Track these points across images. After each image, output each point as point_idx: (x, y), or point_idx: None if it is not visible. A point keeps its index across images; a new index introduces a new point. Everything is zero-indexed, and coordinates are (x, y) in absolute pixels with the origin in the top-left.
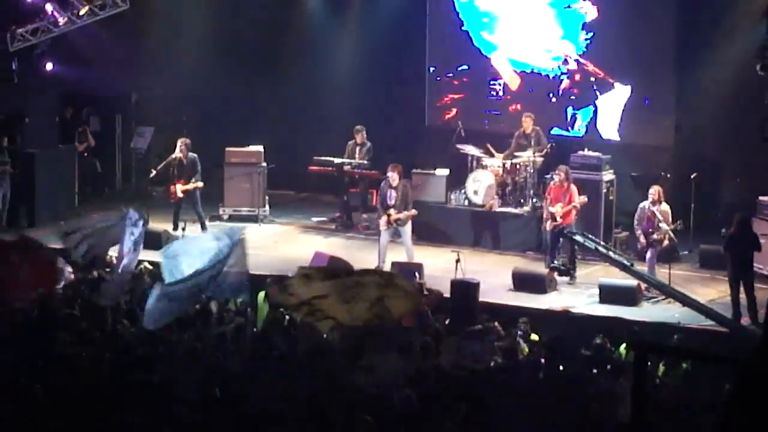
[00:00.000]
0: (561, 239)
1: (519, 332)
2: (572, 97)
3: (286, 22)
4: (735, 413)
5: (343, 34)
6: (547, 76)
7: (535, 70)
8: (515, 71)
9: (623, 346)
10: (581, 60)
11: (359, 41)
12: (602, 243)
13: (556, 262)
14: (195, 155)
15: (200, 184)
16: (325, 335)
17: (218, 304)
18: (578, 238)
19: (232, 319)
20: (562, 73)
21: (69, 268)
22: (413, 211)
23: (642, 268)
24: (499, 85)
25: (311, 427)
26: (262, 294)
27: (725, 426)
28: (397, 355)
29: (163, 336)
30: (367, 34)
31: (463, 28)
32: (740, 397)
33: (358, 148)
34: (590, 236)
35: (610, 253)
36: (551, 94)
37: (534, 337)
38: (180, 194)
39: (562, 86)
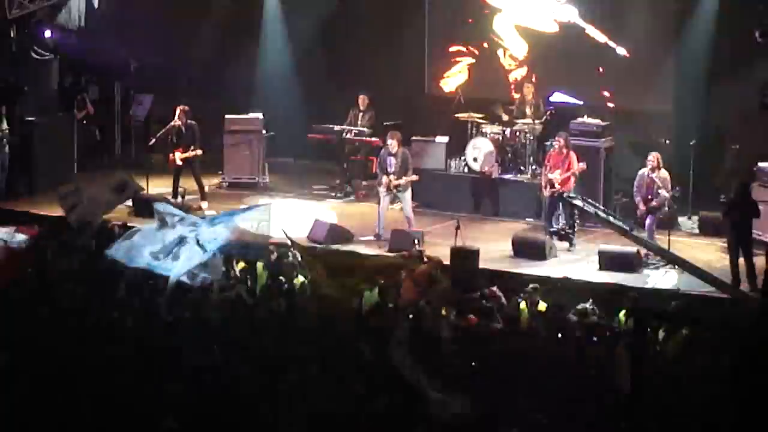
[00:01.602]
0: (560, 206)
1: (519, 299)
2: (575, 63)
3: None
4: (739, 379)
5: (344, 2)
6: (552, 40)
7: (540, 35)
8: (520, 37)
9: (622, 312)
10: (584, 24)
11: (359, 8)
12: (602, 208)
13: (555, 226)
14: (194, 123)
15: (199, 152)
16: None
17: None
18: (578, 202)
19: (234, 287)
20: (566, 38)
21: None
22: (414, 176)
23: (641, 234)
24: (501, 51)
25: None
26: (260, 262)
27: (731, 390)
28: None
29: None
30: (368, 1)
31: None
32: (744, 363)
33: (360, 114)
34: (590, 200)
35: (610, 218)
36: (554, 60)
37: (542, 305)
38: (179, 162)
39: (565, 51)
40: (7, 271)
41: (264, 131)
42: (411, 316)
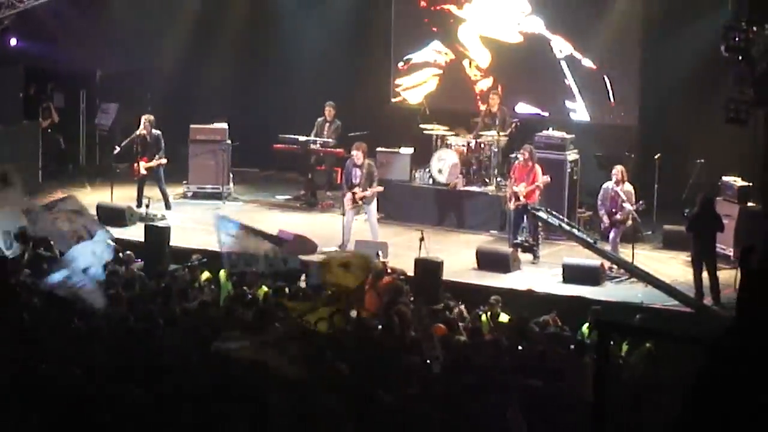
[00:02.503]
0: (525, 218)
1: (480, 311)
2: (540, 74)
3: None
4: (704, 392)
5: (310, 11)
6: (516, 51)
7: (505, 46)
8: (484, 47)
9: (586, 325)
10: (549, 35)
11: (325, 18)
12: (566, 220)
13: (519, 238)
14: (159, 132)
15: (164, 161)
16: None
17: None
18: (542, 214)
19: (197, 296)
20: (531, 49)
21: None
22: (379, 188)
23: (605, 247)
24: (466, 62)
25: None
26: (223, 272)
27: (694, 404)
28: None
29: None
30: (334, 10)
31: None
32: (709, 376)
33: (327, 125)
34: (554, 213)
35: (574, 231)
36: (520, 71)
37: (503, 317)
38: (143, 171)
39: (531, 63)
40: None
41: (229, 141)
42: (380, 327)
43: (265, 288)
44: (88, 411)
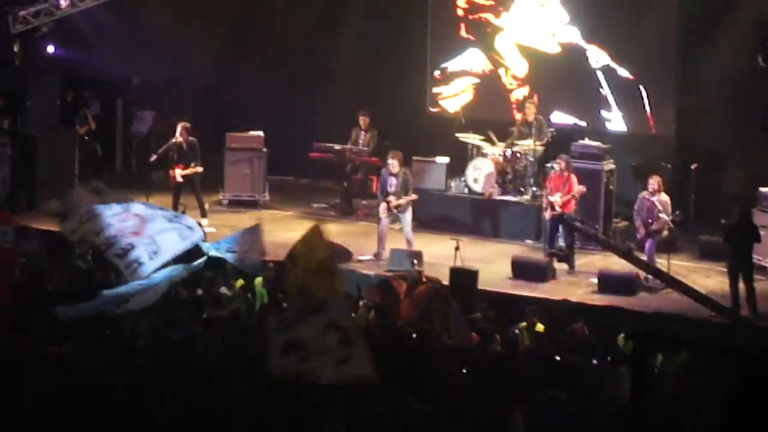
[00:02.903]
0: (560, 228)
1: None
2: (576, 84)
3: (289, 6)
4: (741, 406)
5: (346, 19)
6: (553, 61)
7: (541, 55)
8: (521, 56)
9: (622, 335)
10: (586, 45)
11: (361, 26)
12: (601, 231)
13: (554, 248)
14: (195, 139)
15: (200, 168)
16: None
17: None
18: (578, 224)
19: (229, 304)
20: (568, 59)
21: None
22: (413, 196)
23: (641, 257)
24: (503, 71)
25: None
26: (259, 279)
27: (731, 418)
28: None
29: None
30: (370, 18)
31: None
32: (746, 391)
33: (362, 133)
34: (590, 223)
35: (610, 241)
36: (556, 81)
37: (540, 327)
38: (179, 178)
39: (567, 72)
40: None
41: (265, 149)
42: (414, 335)
43: None
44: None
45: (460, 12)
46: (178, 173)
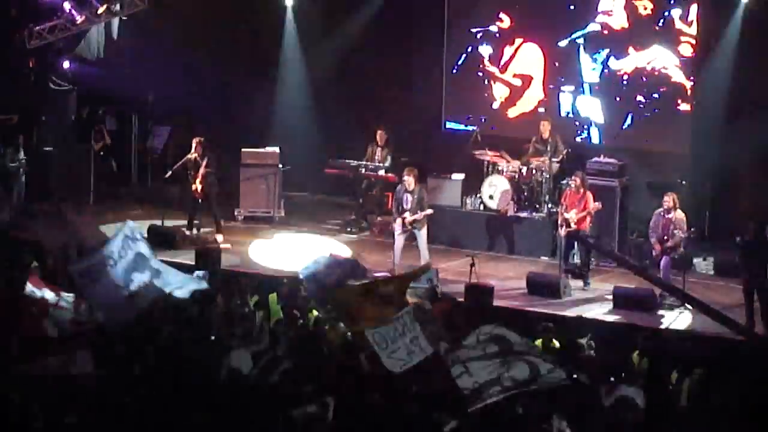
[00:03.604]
0: (576, 245)
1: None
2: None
3: (304, 23)
4: (752, 421)
5: (361, 35)
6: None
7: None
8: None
9: (637, 353)
10: (608, 65)
11: (378, 44)
12: (616, 248)
13: (570, 264)
14: (210, 153)
15: (210, 169)
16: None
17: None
18: (593, 241)
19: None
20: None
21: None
22: (429, 210)
23: (656, 274)
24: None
25: None
26: (273, 295)
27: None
28: None
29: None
30: (387, 36)
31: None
32: (757, 406)
33: (379, 150)
34: (605, 239)
35: (625, 257)
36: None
37: (555, 343)
38: (198, 186)
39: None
40: None
41: (280, 165)
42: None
43: (315, 312)
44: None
45: (474, 29)
46: (198, 182)
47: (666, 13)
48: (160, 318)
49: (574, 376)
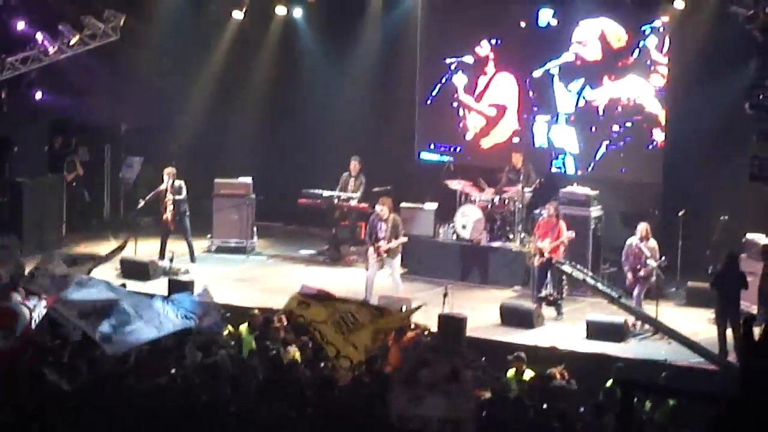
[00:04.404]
0: (549, 274)
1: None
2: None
3: (276, 53)
4: None
5: (335, 66)
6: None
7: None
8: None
9: (610, 382)
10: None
11: (350, 74)
12: (590, 274)
13: (543, 292)
14: (182, 182)
15: (182, 197)
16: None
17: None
18: (566, 268)
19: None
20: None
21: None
22: (404, 238)
23: (629, 302)
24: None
25: None
26: (244, 326)
27: None
28: None
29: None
30: (359, 66)
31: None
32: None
33: (352, 180)
34: (578, 266)
35: (598, 285)
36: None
37: (528, 373)
38: (169, 216)
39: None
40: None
41: (253, 195)
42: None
43: (296, 351)
44: None
45: (448, 60)
46: (169, 210)
47: (641, 43)
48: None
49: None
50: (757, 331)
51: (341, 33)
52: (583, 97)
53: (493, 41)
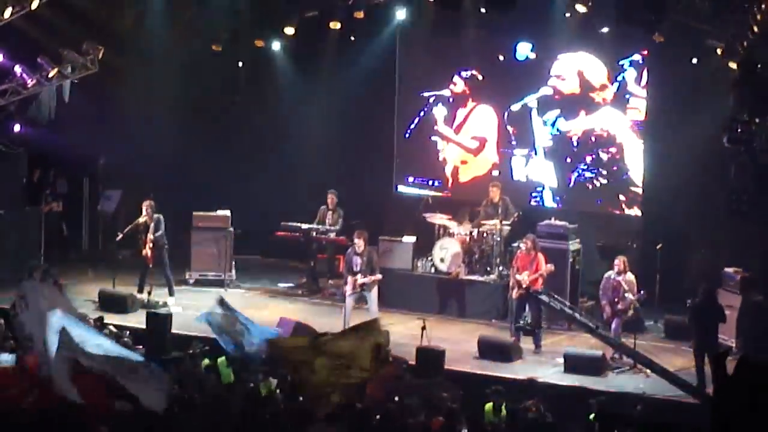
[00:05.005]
0: (527, 308)
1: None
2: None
3: (255, 87)
4: None
5: (313, 99)
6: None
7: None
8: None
9: (592, 415)
10: (557, 125)
11: (328, 107)
12: (568, 304)
13: (521, 321)
14: (160, 215)
15: (159, 234)
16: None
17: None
18: (544, 297)
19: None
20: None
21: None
22: (378, 276)
23: (607, 334)
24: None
25: None
26: (222, 359)
27: None
28: None
29: None
30: (337, 99)
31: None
32: None
33: (329, 213)
34: (556, 296)
35: (576, 315)
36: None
37: (506, 406)
38: (148, 251)
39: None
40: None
41: (231, 228)
42: (378, 417)
43: (272, 382)
44: None
45: (425, 93)
46: (149, 247)
47: (620, 77)
48: None
49: None
50: (730, 365)
51: (319, 66)
52: (557, 129)
53: (468, 75)
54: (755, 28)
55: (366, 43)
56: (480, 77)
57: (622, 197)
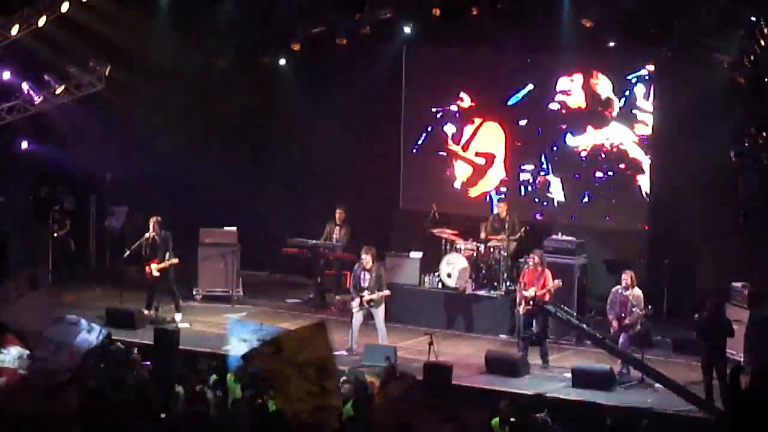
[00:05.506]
0: (534, 323)
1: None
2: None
3: (261, 102)
4: None
5: (319, 115)
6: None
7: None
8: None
9: None
10: (566, 141)
11: (336, 123)
12: (575, 315)
13: (527, 332)
14: (168, 233)
15: (175, 260)
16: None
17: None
18: (551, 308)
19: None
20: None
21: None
22: (386, 292)
23: (614, 345)
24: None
25: None
26: (230, 375)
27: None
28: None
29: None
30: (344, 114)
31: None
32: None
33: (337, 228)
34: (565, 308)
35: (583, 326)
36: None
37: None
38: (155, 273)
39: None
40: None
41: (238, 244)
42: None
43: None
44: None
45: (434, 108)
46: (154, 268)
47: (627, 92)
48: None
49: None
50: (744, 380)
51: (326, 82)
52: (566, 144)
53: (478, 90)
54: (762, 42)
55: (372, 59)
56: (486, 92)
57: (629, 212)
